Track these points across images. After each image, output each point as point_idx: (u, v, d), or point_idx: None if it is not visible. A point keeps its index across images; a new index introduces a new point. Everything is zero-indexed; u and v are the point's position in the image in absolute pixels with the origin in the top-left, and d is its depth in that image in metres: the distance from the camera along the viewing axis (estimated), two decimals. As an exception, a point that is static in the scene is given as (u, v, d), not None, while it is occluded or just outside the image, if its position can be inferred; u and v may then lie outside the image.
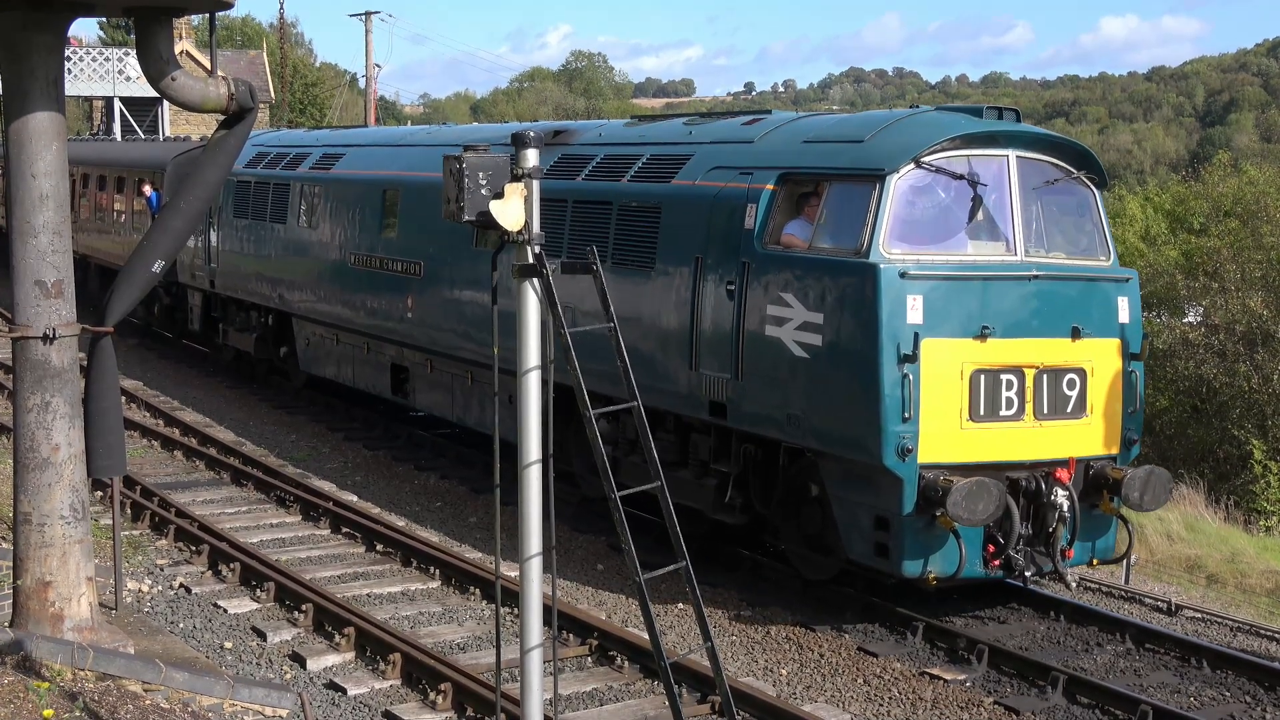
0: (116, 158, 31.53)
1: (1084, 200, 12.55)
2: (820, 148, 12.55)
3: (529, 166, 6.19)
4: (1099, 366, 11.91)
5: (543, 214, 14.61)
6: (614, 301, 13.19)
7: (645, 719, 10.35)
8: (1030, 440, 11.59)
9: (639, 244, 13.78)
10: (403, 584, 13.73)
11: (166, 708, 9.34)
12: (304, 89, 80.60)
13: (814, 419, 11.73)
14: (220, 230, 23.59)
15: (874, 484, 11.40)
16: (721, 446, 13.08)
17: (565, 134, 16.34)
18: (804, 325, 11.72)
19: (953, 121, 12.11)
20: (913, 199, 11.72)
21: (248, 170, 22.92)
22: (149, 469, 18.22)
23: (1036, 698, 10.94)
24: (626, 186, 14.18)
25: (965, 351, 11.31)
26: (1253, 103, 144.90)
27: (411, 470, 18.64)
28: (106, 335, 10.56)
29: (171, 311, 27.74)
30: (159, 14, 10.07)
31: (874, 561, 11.65)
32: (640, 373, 13.05)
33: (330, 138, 22.92)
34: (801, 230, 12.18)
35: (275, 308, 22.16)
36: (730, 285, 12.45)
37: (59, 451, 10.10)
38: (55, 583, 10.16)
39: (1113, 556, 12.42)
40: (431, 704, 10.59)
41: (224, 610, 12.78)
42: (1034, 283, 11.62)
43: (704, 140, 13.96)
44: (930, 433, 11.14)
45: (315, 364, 21.49)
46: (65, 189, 10.10)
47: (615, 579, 13.83)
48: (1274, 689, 11.10)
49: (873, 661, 11.74)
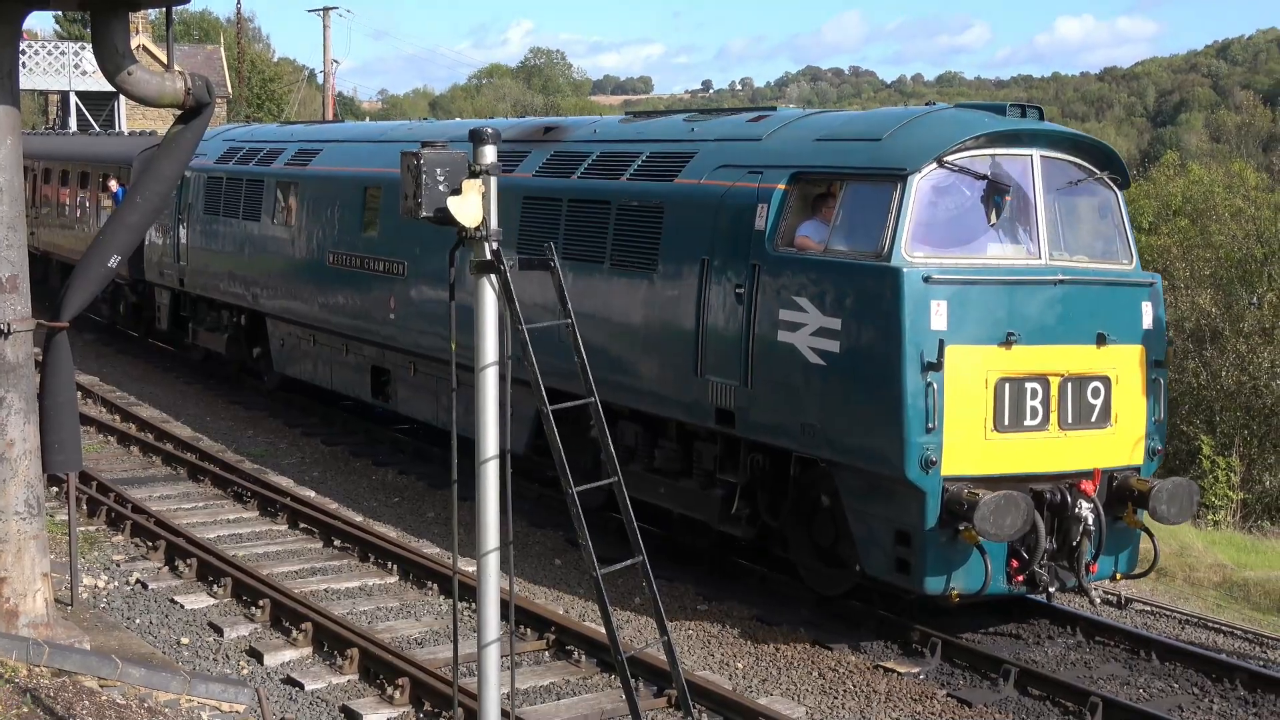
0: (79, 152, 31.10)
1: (1106, 201, 12.01)
2: (835, 146, 11.96)
3: (487, 163, 6.18)
4: (1123, 374, 11.35)
5: (535, 213, 14.23)
6: (613, 304, 13.12)
7: (602, 712, 10.37)
8: (1054, 451, 11.04)
9: (640, 245, 13.20)
10: (360, 579, 13.69)
11: (123, 703, 9.29)
12: (262, 84, 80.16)
13: (830, 428, 11.17)
14: (190, 227, 23.07)
15: (895, 497, 10.87)
16: (728, 456, 12.52)
17: (557, 130, 15.78)
18: (820, 331, 11.16)
19: (975, 120, 11.57)
20: (935, 199, 11.15)
21: (219, 166, 22.42)
22: (105, 464, 18.10)
23: (989, 690, 11.02)
24: (626, 185, 13.61)
25: (990, 359, 10.75)
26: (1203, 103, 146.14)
27: (369, 465, 18.58)
28: (62, 330, 10.53)
29: (138, 310, 27.31)
30: (115, 8, 10.00)
31: (893, 578, 11.13)
32: (641, 378, 12.90)
33: (306, 133, 22.33)
34: (816, 232, 11.62)
35: (248, 307, 21.60)
36: (739, 288, 11.89)
37: (13, 447, 10.03)
38: (10, 579, 10.09)
39: (1137, 570, 11.91)
40: (389, 699, 10.57)
41: (181, 606, 12.71)
42: (1059, 287, 11.06)
43: (707, 138, 13.37)
44: (954, 444, 10.60)
45: (290, 365, 20.93)
46: (19, 183, 10.01)
47: (573, 574, 13.84)
48: (1221, 680, 11.22)
49: (828, 655, 11.78)
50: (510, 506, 6.01)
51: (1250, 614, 13.42)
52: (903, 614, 12.38)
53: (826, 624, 12.44)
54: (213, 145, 23.32)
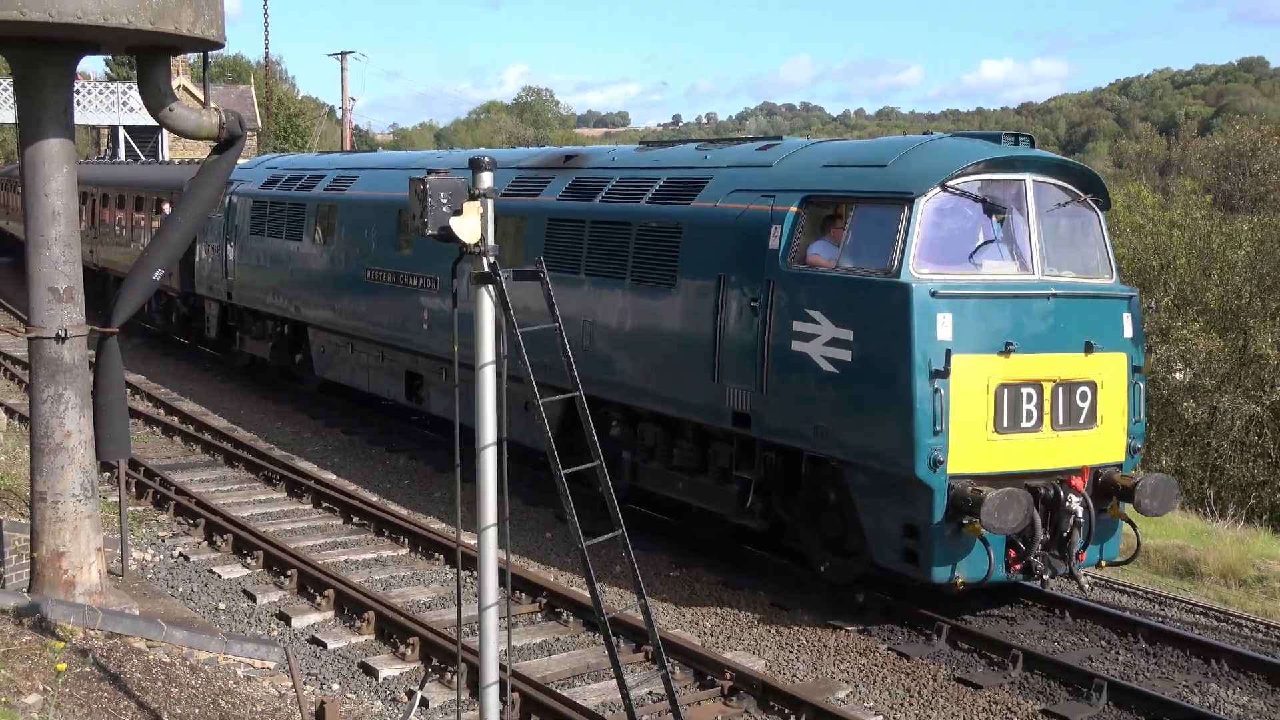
0: (133, 179, 30.79)
1: (1089, 221, 11.63)
2: (842, 172, 11.56)
3: (484, 187, 6.16)
4: (1108, 379, 11.01)
5: (560, 233, 13.98)
6: (634, 315, 12.90)
7: (588, 666, 10.37)
8: (1048, 450, 10.71)
9: (660, 262, 12.72)
10: (376, 551, 13.66)
11: (167, 661, 9.25)
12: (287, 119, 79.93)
13: (842, 431, 10.79)
14: (237, 246, 22.53)
15: (903, 494, 10.52)
16: (743, 455, 12.11)
17: (577, 158, 15.29)
18: (832, 341, 10.77)
19: (974, 148, 11.17)
20: (939, 221, 10.76)
21: (263, 191, 21.91)
22: (151, 452, 18.01)
23: (924, 644, 11.05)
24: (646, 208, 13.12)
25: (991, 366, 10.40)
26: (1107, 133, 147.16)
27: (383, 452, 18.52)
28: (112, 335, 10.51)
29: (188, 320, 26.84)
30: (158, 53, 9.98)
31: (902, 567, 10.77)
32: (661, 384, 12.61)
33: (343, 161, 21.68)
34: (826, 250, 11.22)
35: (291, 318, 21.06)
36: (754, 302, 11.49)
37: (70, 437, 10.00)
38: (68, 553, 10.06)
39: (1119, 558, 11.57)
40: (402, 655, 10.55)
41: (218, 576, 12.67)
42: (1052, 300, 10.74)
43: (720, 164, 12.91)
44: (959, 445, 10.27)
45: (330, 369, 20.31)
46: (75, 207, 9.97)
47: (562, 546, 13.82)
48: (1125, 634, 11.28)
49: (784, 615, 11.79)
50: (506, 487, 5.99)
51: (1151, 577, 13.49)
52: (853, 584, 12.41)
53: (783, 590, 12.47)
54: (257, 173, 22.94)
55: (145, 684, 8.66)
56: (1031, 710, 9.73)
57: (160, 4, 8.98)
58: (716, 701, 9.78)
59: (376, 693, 9.96)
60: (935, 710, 9.75)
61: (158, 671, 8.96)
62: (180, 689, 8.79)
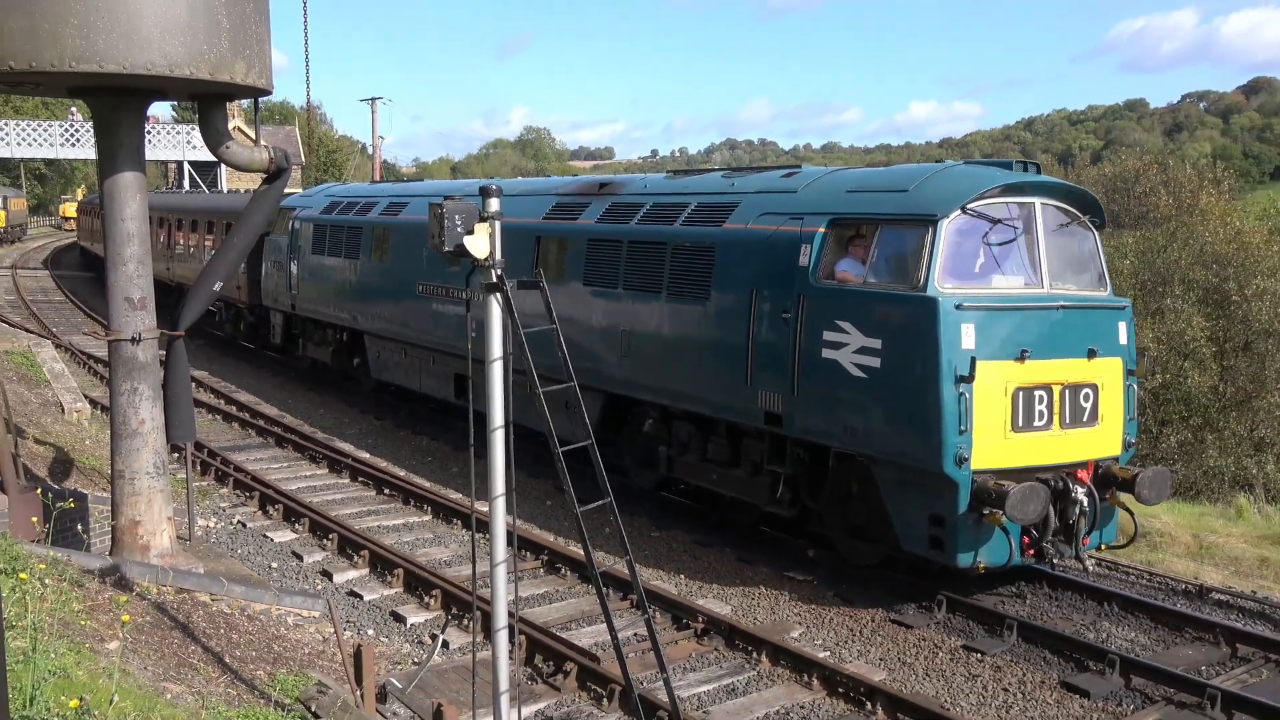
0: (206, 206, 30.34)
1: (1088, 239, 11.06)
2: (866, 196, 10.95)
3: (493, 210, 6.14)
4: (1107, 381, 10.51)
5: (599, 252, 13.62)
6: (670, 325, 12.46)
7: (583, 612, 10.36)
8: (1057, 446, 10.20)
9: (694, 278, 12.11)
10: (403, 518, 13.62)
11: (228, 612, 9.22)
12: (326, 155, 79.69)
13: (872, 430, 10.19)
14: (300, 264, 21.90)
15: (930, 487, 9.92)
16: (774, 450, 11.55)
17: (611, 186, 14.53)
18: (862, 349, 10.21)
19: (991, 174, 10.60)
20: (959, 240, 10.22)
21: (324, 216, 21.17)
22: (213, 436, 17.92)
23: (864, 593, 11.06)
24: (680, 229, 12.48)
25: (1008, 372, 9.86)
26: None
27: (410, 435, 18.47)
28: (179, 338, 10.45)
29: (255, 328, 26.39)
30: (216, 99, 9.94)
31: (928, 553, 10.19)
32: (696, 387, 12.10)
33: (394, 189, 20.67)
34: (853, 267, 10.62)
35: (349, 326, 20.30)
36: (785, 313, 10.91)
37: (144, 424, 9.96)
38: (143, 522, 10.02)
39: (1116, 542, 11.02)
40: (426, 605, 10.53)
41: (271, 540, 12.62)
42: (1061, 312, 10.22)
43: (747, 190, 12.26)
44: (981, 443, 9.75)
45: (385, 372, 19.44)
46: (147, 229, 9.92)
47: (560, 512, 13.81)
48: (1032, 582, 11.28)
49: (747, 568, 11.80)
50: (513, 463, 5.97)
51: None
52: (799, 538, 12.43)
53: (747, 547, 12.48)
54: (317, 200, 22.41)
55: (210, 631, 8.62)
56: (953, 645, 9.77)
57: (218, 58, 8.95)
58: (691, 641, 9.79)
59: (405, 636, 9.94)
60: (874, 646, 9.77)
61: (220, 620, 8.93)
62: (239, 635, 8.77)
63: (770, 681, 9.00)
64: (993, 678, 9.12)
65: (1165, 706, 8.56)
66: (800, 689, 8.83)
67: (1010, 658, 9.53)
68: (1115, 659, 9.15)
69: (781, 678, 9.05)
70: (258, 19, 9.37)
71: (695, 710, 8.37)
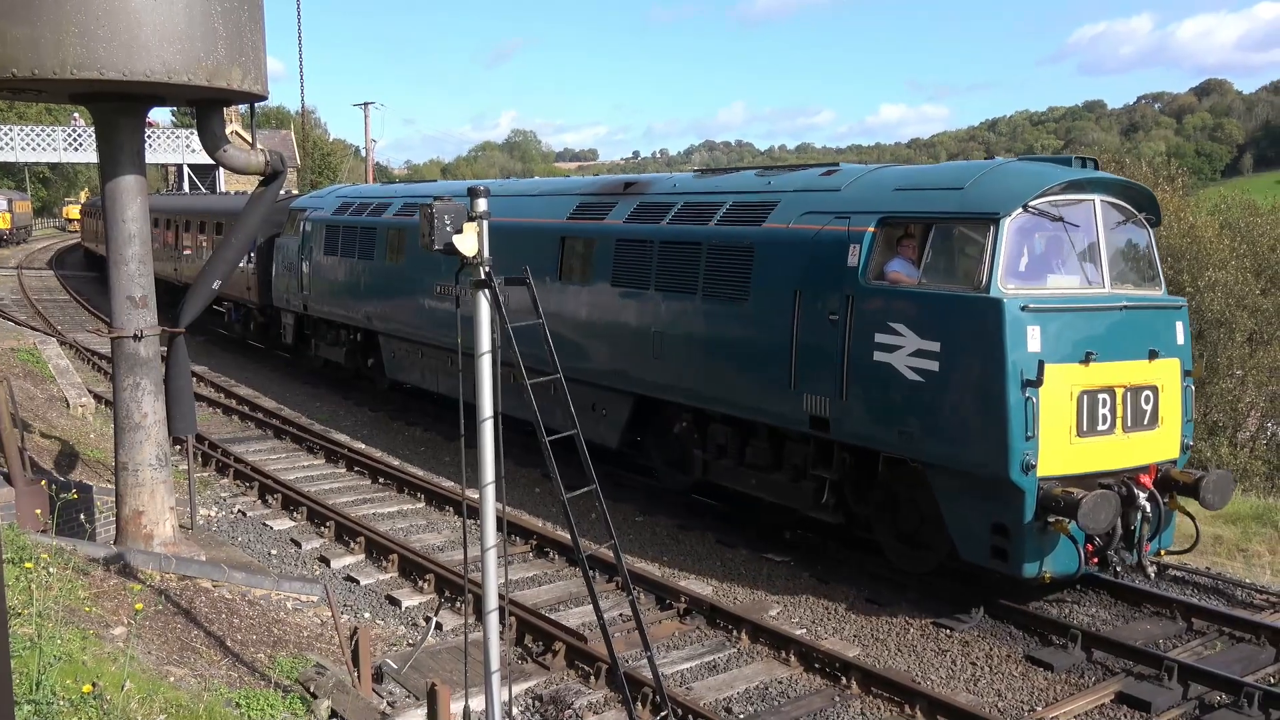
0: (212, 208, 30.00)
1: (1143, 237, 10.32)
2: (916, 194, 10.13)
3: (480, 211, 6.12)
4: (1166, 383, 9.76)
5: (628, 252, 12.98)
6: (707, 327, 11.78)
7: (570, 594, 10.36)
8: (1120, 450, 9.46)
9: (732, 278, 11.31)
10: (398, 505, 13.59)
11: (230, 598, 9.18)
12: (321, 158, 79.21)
13: (929, 436, 9.39)
14: (311, 265, 21.17)
15: (992, 494, 9.15)
16: (820, 455, 10.83)
17: (637, 185, 13.60)
18: (918, 352, 9.42)
19: (1051, 171, 9.79)
20: (1021, 239, 9.47)
21: (335, 217, 20.29)
22: (214, 428, 17.83)
23: (839, 574, 11.09)
24: (716, 229, 11.65)
25: (1074, 375, 9.12)
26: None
27: (403, 425, 18.41)
28: (180, 334, 10.40)
29: (265, 328, 25.80)
30: (213, 104, 9.88)
31: (990, 563, 9.39)
32: (735, 390, 11.33)
33: (406, 190, 19.75)
34: (905, 268, 9.82)
35: (363, 327, 19.50)
36: (833, 315, 10.11)
37: (147, 417, 9.91)
38: (147, 511, 9.97)
39: (1175, 547, 10.30)
40: (420, 589, 10.51)
41: (270, 527, 12.57)
42: (1123, 312, 9.50)
43: (786, 189, 11.42)
44: (1048, 448, 8.99)
45: (399, 372, 18.71)
46: (148, 230, 9.86)
47: (548, 498, 13.79)
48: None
49: (727, 551, 11.81)
50: (502, 452, 5.97)
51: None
52: (781, 522, 12.44)
53: (726, 530, 12.49)
54: (328, 201, 21.61)
55: (211, 616, 8.59)
56: (924, 623, 9.81)
57: (214, 65, 8.89)
58: (674, 620, 9.80)
59: (400, 619, 9.92)
60: (847, 625, 9.80)
61: (221, 606, 8.89)
62: (240, 619, 8.73)
63: (750, 658, 9.02)
64: (961, 652, 9.17)
65: (1125, 678, 8.62)
66: (778, 665, 8.86)
67: (977, 633, 9.57)
68: (1078, 633, 9.21)
69: (760, 654, 9.07)
70: (253, 27, 9.31)
71: (678, 686, 8.39)
